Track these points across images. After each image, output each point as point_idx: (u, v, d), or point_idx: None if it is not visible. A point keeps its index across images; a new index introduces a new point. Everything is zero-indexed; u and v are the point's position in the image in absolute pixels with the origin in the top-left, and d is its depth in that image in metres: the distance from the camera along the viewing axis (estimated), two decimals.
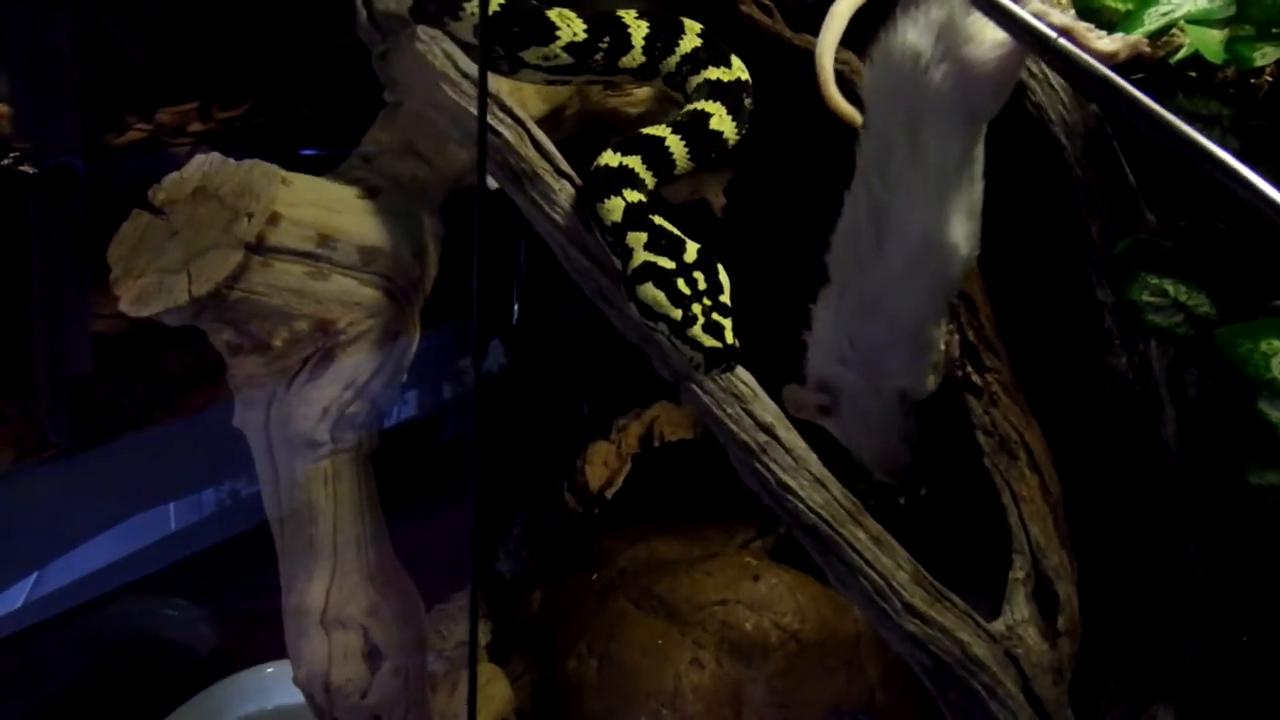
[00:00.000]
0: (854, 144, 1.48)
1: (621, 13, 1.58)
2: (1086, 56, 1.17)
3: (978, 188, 1.42)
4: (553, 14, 1.52)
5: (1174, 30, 1.52)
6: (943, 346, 1.47)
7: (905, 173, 1.38)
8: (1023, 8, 1.28)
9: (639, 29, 1.56)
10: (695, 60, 1.57)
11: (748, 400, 1.48)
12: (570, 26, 1.52)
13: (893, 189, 1.38)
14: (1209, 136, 1.50)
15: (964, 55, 1.35)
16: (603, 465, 2.10)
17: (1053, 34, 1.18)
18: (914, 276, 1.41)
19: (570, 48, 1.52)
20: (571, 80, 1.67)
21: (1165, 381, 1.60)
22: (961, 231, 1.40)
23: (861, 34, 1.52)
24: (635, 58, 1.57)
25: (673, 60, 1.58)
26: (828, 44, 1.38)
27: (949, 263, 1.42)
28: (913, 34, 1.37)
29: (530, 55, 1.52)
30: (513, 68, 1.55)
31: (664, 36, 1.57)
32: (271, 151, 2.38)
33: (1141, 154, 1.65)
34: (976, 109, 1.39)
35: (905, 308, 1.43)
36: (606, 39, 1.54)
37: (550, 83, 1.71)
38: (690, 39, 1.58)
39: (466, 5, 1.48)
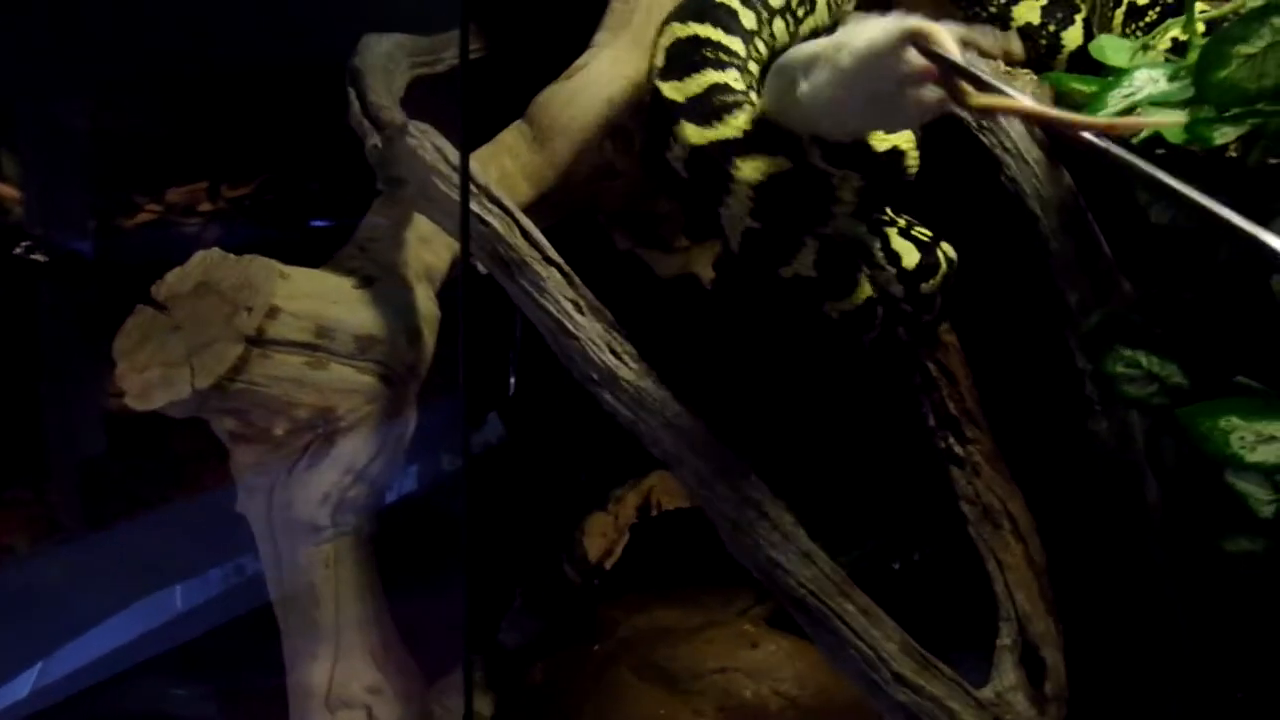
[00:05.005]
0: None
1: None
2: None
3: None
4: None
5: (1136, 112, 1.57)
6: None
7: None
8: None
9: None
10: None
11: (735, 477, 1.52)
12: None
13: None
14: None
15: None
16: (601, 536, 2.12)
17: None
18: None
19: None
20: None
21: (1146, 448, 1.63)
22: None
23: None
24: None
25: None
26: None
27: None
28: None
29: None
30: None
31: None
32: (281, 228, 2.43)
33: (1116, 224, 1.69)
34: None
35: None
36: None
37: None
38: None
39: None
